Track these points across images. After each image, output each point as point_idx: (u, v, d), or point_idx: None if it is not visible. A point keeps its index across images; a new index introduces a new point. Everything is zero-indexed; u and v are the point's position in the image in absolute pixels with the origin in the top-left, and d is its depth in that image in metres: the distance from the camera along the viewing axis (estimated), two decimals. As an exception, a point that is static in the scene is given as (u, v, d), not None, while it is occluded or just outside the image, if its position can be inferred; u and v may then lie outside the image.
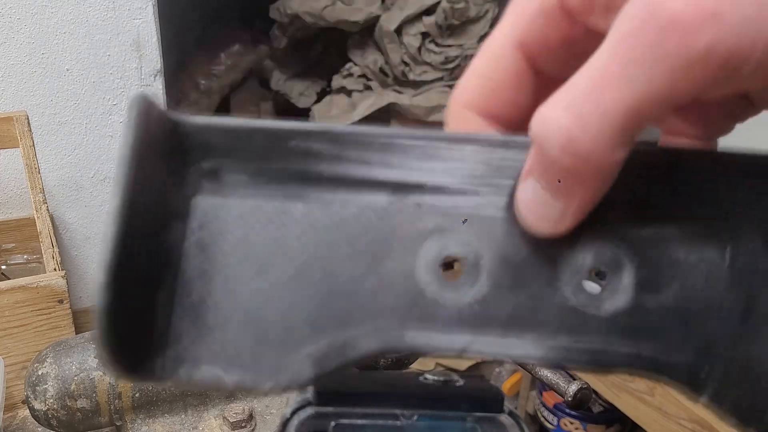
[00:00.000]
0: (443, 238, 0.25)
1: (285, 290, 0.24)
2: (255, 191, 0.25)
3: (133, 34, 1.33)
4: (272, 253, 0.25)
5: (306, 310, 0.24)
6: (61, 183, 1.36)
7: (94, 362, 0.56)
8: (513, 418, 0.26)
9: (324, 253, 0.25)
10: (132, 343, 0.23)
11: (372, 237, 0.25)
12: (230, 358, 0.24)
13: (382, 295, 0.24)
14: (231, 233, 0.25)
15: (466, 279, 0.25)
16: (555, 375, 0.57)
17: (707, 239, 0.25)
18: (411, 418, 0.26)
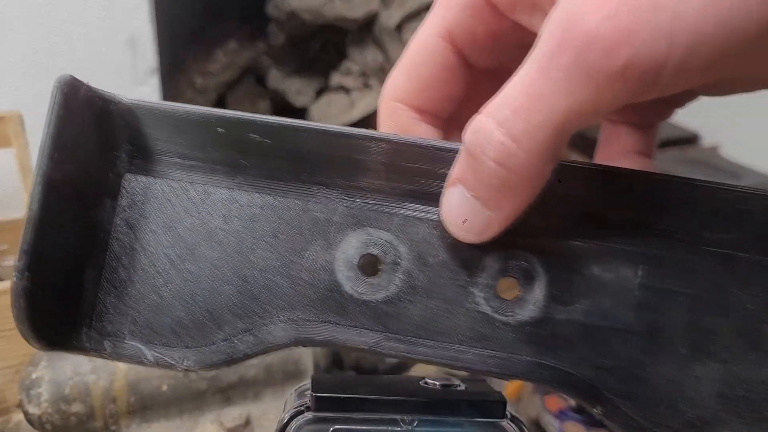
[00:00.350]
0: (365, 235, 0.26)
1: (208, 275, 0.26)
2: (183, 174, 0.26)
3: (128, 32, 1.33)
4: (197, 237, 0.26)
5: (226, 296, 0.26)
6: (56, 184, 1.37)
7: (88, 366, 0.56)
8: (515, 423, 0.26)
9: (247, 241, 0.26)
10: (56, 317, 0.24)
11: (294, 229, 0.26)
12: (153, 335, 0.25)
13: (300, 287, 0.26)
14: (159, 214, 0.26)
15: (383, 278, 0.26)
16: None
17: (622, 259, 0.26)
18: (411, 423, 0.25)
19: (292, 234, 0.26)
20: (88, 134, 0.25)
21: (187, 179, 0.26)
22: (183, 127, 0.26)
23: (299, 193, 0.26)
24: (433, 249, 0.26)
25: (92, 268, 0.25)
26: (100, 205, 0.26)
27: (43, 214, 0.23)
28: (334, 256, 0.26)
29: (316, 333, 0.26)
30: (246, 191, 0.26)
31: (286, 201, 0.26)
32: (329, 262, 0.26)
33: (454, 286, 0.26)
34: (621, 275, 0.26)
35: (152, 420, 0.57)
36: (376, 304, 0.26)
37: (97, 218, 0.25)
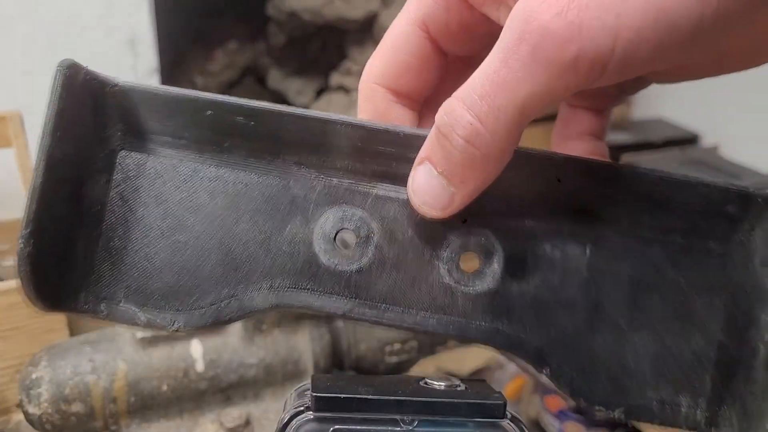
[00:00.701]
0: (340, 212, 0.29)
1: (195, 245, 0.28)
2: (174, 152, 0.29)
3: (128, 31, 1.33)
4: (185, 210, 0.28)
5: (212, 265, 0.28)
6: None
7: (88, 366, 0.56)
8: (515, 423, 0.26)
9: (231, 216, 0.28)
10: (56, 281, 0.27)
11: (275, 205, 0.29)
12: (145, 299, 0.28)
13: (280, 257, 0.28)
14: (151, 189, 0.28)
15: (356, 251, 0.29)
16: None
17: (570, 240, 0.29)
18: (411, 423, 0.25)
19: (273, 210, 0.29)
20: (86, 113, 0.27)
21: (177, 157, 0.29)
22: (174, 108, 0.28)
23: (280, 173, 0.29)
24: (402, 226, 0.29)
25: (89, 237, 0.28)
26: (97, 180, 0.28)
27: (45, 187, 0.25)
28: (312, 231, 0.29)
29: (294, 299, 0.28)
30: (232, 169, 0.29)
31: (268, 179, 0.29)
32: (307, 236, 0.28)
33: (420, 260, 0.29)
34: (569, 254, 0.29)
35: (152, 420, 0.57)
36: (350, 274, 0.28)
37: (94, 191, 0.28)
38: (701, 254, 0.29)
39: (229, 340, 0.59)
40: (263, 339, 0.59)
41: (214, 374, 0.58)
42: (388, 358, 0.64)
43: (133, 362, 0.56)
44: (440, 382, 0.28)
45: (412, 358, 0.65)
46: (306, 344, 0.60)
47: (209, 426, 0.58)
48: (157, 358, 0.57)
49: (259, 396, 0.60)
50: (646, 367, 0.29)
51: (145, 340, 0.57)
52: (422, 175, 0.28)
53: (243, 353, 0.59)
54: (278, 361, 0.59)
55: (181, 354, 0.57)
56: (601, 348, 0.29)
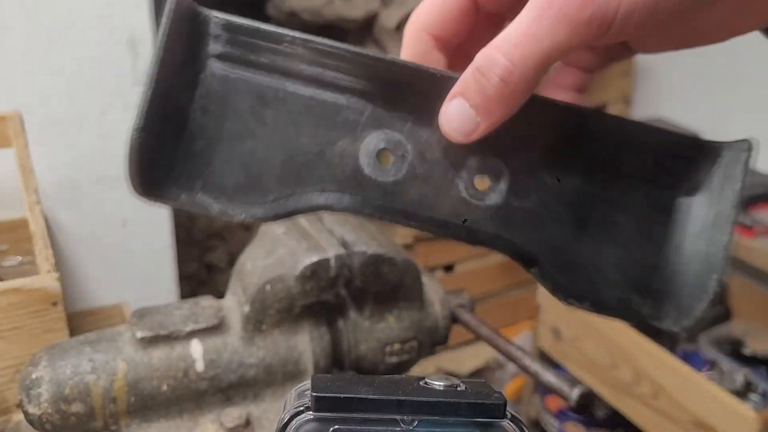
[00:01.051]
0: (383, 135, 0.35)
1: (263, 151, 0.35)
2: (249, 75, 0.35)
3: (127, 32, 1.33)
4: (256, 122, 0.35)
5: (276, 169, 0.35)
6: (55, 183, 1.36)
7: (88, 366, 0.56)
8: (515, 423, 0.27)
9: (294, 128, 0.35)
10: (152, 171, 0.33)
11: (330, 123, 0.35)
12: (218, 193, 0.34)
13: (332, 167, 0.35)
14: (228, 103, 0.35)
15: (393, 167, 0.35)
16: (558, 379, 0.56)
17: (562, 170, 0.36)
18: (411, 423, 0.26)
19: (328, 127, 0.35)
20: (185, 37, 0.34)
21: (250, 79, 0.35)
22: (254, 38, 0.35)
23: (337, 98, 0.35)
24: (432, 149, 0.36)
25: (178, 138, 0.34)
26: (187, 91, 0.34)
27: (155, 93, 0.32)
28: (358, 148, 0.35)
29: (340, 201, 0.35)
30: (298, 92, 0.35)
31: (327, 102, 0.35)
32: (354, 151, 0.35)
33: (443, 177, 0.36)
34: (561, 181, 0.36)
35: (152, 420, 0.57)
36: (386, 184, 0.35)
37: (181, 102, 0.34)
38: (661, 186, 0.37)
39: (229, 340, 0.59)
40: (263, 339, 0.59)
41: (214, 374, 0.58)
42: (388, 358, 0.64)
43: (133, 362, 0.56)
44: (440, 382, 0.28)
45: (412, 358, 0.65)
46: (306, 344, 0.60)
47: (209, 426, 0.58)
48: (157, 358, 0.57)
49: (259, 396, 0.60)
50: (611, 271, 0.36)
51: (144, 340, 0.57)
52: (455, 107, 0.35)
53: (243, 353, 0.59)
54: (278, 361, 0.59)
55: (181, 354, 0.57)
56: (580, 254, 0.36)
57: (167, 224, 1.49)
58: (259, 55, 0.35)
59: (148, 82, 0.32)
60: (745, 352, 1.86)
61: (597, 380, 1.76)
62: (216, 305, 0.60)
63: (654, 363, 1.60)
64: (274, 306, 0.58)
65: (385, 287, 0.61)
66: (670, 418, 1.57)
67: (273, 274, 0.57)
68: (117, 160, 1.42)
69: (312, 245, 0.58)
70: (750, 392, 1.62)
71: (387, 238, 0.62)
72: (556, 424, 2.01)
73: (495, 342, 0.64)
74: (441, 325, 0.68)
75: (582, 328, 1.79)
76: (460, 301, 0.70)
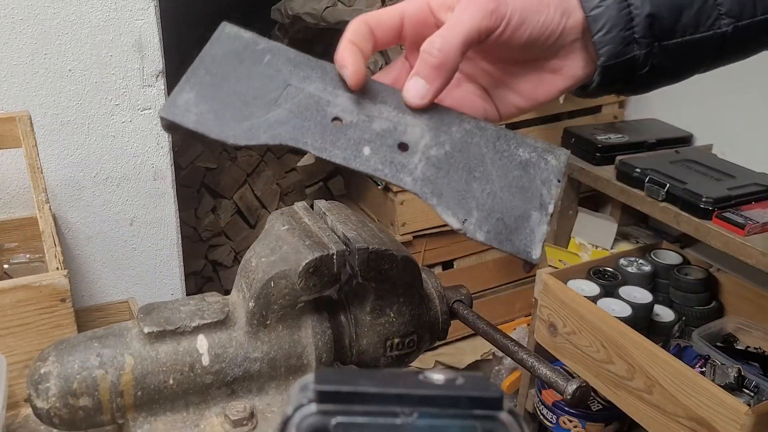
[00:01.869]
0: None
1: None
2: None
3: (135, 34, 1.33)
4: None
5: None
6: (64, 183, 1.37)
7: (96, 361, 0.56)
8: (512, 416, 0.27)
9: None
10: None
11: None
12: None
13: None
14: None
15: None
16: (554, 373, 0.57)
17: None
18: (411, 416, 0.26)
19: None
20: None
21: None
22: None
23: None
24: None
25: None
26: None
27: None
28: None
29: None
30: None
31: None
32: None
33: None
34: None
35: (158, 413, 0.58)
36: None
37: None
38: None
39: (234, 335, 0.59)
40: (267, 334, 0.59)
41: (219, 368, 0.58)
42: (388, 352, 0.64)
43: (140, 357, 0.57)
44: (439, 375, 0.28)
45: (411, 352, 0.66)
46: (309, 339, 0.61)
47: (214, 419, 0.58)
48: (163, 353, 0.57)
49: (263, 389, 0.60)
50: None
51: (151, 335, 0.57)
52: (412, 82, 0.52)
53: (248, 348, 0.59)
54: (282, 355, 0.60)
55: (187, 349, 0.58)
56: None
57: (174, 222, 1.49)
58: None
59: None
60: (737, 347, 1.86)
61: (592, 374, 1.76)
62: (221, 301, 0.61)
63: (648, 358, 1.60)
64: (278, 302, 0.58)
65: (386, 283, 0.61)
66: (664, 412, 1.57)
67: (277, 271, 0.58)
68: (124, 159, 1.42)
69: (315, 242, 0.59)
70: (743, 387, 1.62)
71: (388, 235, 0.62)
72: (553, 418, 2.02)
73: (492, 337, 0.64)
74: (440, 320, 0.68)
75: (577, 324, 1.79)
76: (459, 296, 0.70)
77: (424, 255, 2.27)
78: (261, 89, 0.51)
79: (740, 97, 2.05)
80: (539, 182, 0.51)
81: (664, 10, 0.53)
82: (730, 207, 1.75)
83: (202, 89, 0.50)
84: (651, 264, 2.06)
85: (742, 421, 1.39)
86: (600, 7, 0.52)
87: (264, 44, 0.54)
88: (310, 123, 0.50)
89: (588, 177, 2.08)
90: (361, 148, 0.50)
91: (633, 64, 0.54)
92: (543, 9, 0.52)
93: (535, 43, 0.53)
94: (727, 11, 0.53)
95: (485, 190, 0.50)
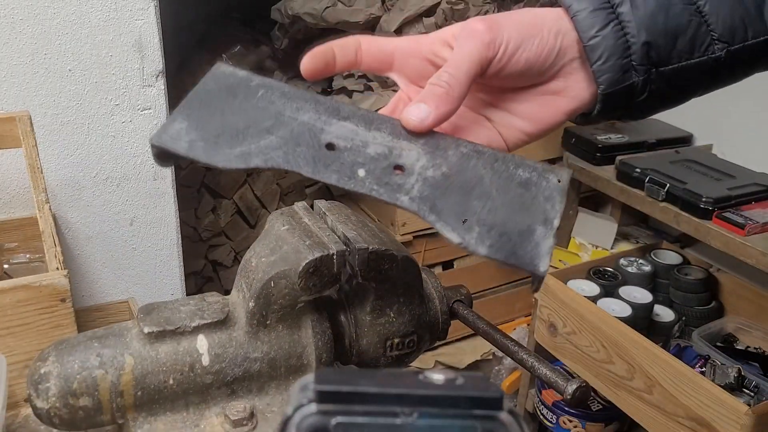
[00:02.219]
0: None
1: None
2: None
3: (134, 34, 1.33)
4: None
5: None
6: (64, 183, 1.37)
7: (96, 361, 0.56)
8: (512, 416, 0.27)
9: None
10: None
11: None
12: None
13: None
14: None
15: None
16: (554, 373, 0.57)
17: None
18: (411, 416, 0.26)
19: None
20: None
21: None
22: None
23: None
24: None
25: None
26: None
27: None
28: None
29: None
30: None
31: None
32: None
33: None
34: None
35: (158, 413, 0.58)
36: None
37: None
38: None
39: (234, 335, 0.59)
40: (267, 334, 0.59)
41: (220, 368, 0.58)
42: (388, 352, 0.64)
43: (140, 357, 0.57)
44: (439, 375, 0.28)
45: (411, 352, 0.66)
46: (309, 339, 0.61)
47: (214, 419, 0.58)
48: (163, 353, 0.57)
49: (264, 389, 0.60)
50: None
51: (152, 335, 0.57)
52: (414, 106, 0.52)
53: (248, 348, 0.59)
54: (282, 355, 0.60)
55: (187, 349, 0.58)
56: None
57: (174, 222, 1.49)
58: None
59: None
60: (737, 347, 1.86)
61: (592, 374, 1.77)
62: (221, 301, 0.60)
63: (648, 358, 1.60)
64: (278, 302, 0.58)
65: (386, 283, 0.61)
66: (664, 412, 1.57)
67: (277, 271, 0.58)
68: (124, 159, 1.42)
69: (315, 242, 0.59)
70: (743, 387, 1.62)
71: (388, 235, 0.62)
72: (553, 418, 2.02)
73: (492, 337, 0.64)
74: (440, 320, 0.68)
75: (577, 324, 1.79)
76: (459, 296, 0.70)
77: (424, 255, 2.27)
78: (253, 120, 0.52)
79: (740, 98, 2.05)
80: (542, 199, 0.51)
81: (659, 37, 0.54)
82: (730, 207, 1.75)
83: (195, 120, 0.51)
84: (651, 264, 2.06)
85: (742, 421, 1.39)
86: (597, 37, 0.54)
87: (258, 81, 0.55)
88: (303, 148, 0.50)
89: (588, 177, 2.08)
90: (356, 170, 0.50)
91: (632, 90, 0.56)
92: (537, 33, 0.54)
93: (533, 67, 0.55)
94: (719, 36, 0.55)
95: (485, 207, 0.49)
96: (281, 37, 2.14)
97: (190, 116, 0.51)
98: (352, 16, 1.97)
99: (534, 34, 0.54)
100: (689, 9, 0.54)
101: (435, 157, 0.52)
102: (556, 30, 0.55)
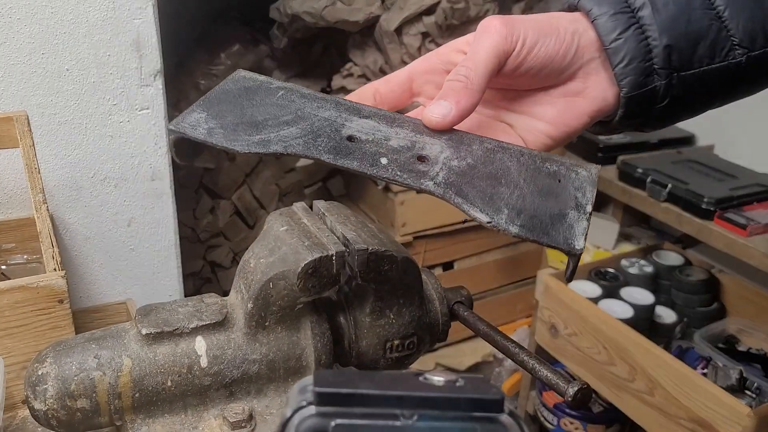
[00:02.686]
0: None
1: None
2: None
3: (133, 34, 1.33)
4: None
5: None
6: (61, 183, 1.37)
7: (94, 362, 0.56)
8: (513, 418, 0.27)
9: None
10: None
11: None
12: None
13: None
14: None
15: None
16: (555, 375, 0.57)
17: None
18: (411, 418, 0.26)
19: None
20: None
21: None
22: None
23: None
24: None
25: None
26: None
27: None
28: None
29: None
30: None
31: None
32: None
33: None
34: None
35: (156, 415, 0.57)
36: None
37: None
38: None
39: (232, 337, 0.59)
40: (266, 336, 0.59)
41: (218, 370, 0.58)
42: (388, 354, 0.64)
43: (138, 358, 0.56)
44: (439, 377, 0.28)
45: (411, 354, 0.65)
46: (308, 341, 0.60)
47: (213, 421, 0.58)
48: (161, 355, 0.57)
49: (262, 391, 0.60)
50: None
51: (149, 336, 0.57)
52: (435, 104, 0.53)
53: (246, 349, 0.59)
54: (281, 357, 0.60)
55: (185, 350, 0.57)
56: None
57: (172, 223, 1.49)
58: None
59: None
60: (739, 348, 1.86)
61: (593, 376, 1.76)
62: (220, 302, 0.60)
63: (650, 359, 1.60)
64: (276, 303, 0.58)
65: (386, 284, 0.61)
66: (666, 413, 1.57)
67: (276, 272, 0.57)
68: (122, 159, 1.42)
69: (314, 243, 0.58)
70: (745, 389, 1.62)
71: (387, 236, 0.62)
72: (553, 420, 2.02)
73: (493, 338, 0.64)
74: (440, 321, 0.68)
75: (578, 325, 1.79)
76: (459, 298, 0.70)
77: (424, 256, 2.27)
78: (273, 114, 0.52)
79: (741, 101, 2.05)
80: (572, 188, 0.51)
81: (681, 41, 0.54)
82: (732, 207, 1.75)
83: (214, 111, 0.51)
84: (653, 265, 2.06)
85: (744, 423, 1.39)
86: (619, 39, 0.54)
87: (278, 84, 0.55)
88: (324, 139, 0.50)
89: (589, 178, 2.08)
90: (378, 159, 0.49)
91: (654, 95, 0.56)
92: (553, 31, 0.55)
93: (551, 63, 0.55)
94: (739, 41, 0.55)
95: (514, 194, 0.49)
96: (280, 36, 2.13)
97: (209, 109, 0.51)
98: (351, 15, 1.97)
99: (550, 32, 0.55)
100: (709, 14, 0.54)
101: (459, 151, 0.51)
102: (572, 29, 0.55)
